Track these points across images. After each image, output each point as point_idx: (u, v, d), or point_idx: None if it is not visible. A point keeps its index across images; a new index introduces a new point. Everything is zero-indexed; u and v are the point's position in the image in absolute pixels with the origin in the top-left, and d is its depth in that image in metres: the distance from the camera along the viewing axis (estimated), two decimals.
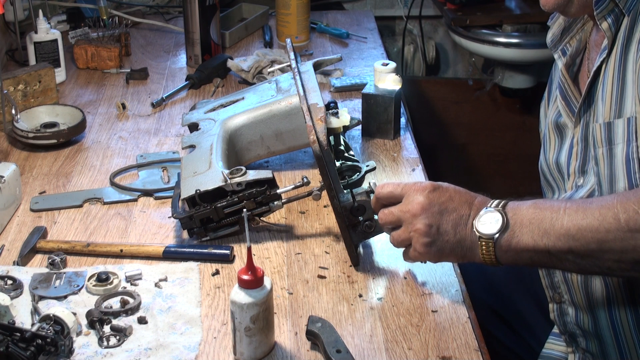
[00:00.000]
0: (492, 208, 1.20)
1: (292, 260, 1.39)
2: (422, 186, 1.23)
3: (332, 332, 1.18)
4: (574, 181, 1.35)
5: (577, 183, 1.34)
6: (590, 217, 1.12)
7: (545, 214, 1.16)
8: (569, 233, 1.13)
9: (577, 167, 1.34)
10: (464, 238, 1.21)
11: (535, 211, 1.17)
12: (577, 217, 1.13)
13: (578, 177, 1.34)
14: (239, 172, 1.40)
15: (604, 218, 1.11)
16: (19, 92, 1.85)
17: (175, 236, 1.46)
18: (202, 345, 1.20)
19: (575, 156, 1.34)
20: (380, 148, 1.74)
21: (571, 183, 1.36)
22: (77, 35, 2.22)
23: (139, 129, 1.84)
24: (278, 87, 1.64)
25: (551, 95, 1.48)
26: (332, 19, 2.53)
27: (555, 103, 1.42)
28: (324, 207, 1.52)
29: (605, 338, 1.32)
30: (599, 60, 1.27)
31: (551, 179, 1.45)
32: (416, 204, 1.22)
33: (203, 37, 2.13)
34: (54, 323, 1.16)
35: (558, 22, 1.43)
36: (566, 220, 1.14)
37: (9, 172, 1.50)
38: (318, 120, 1.36)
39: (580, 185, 1.33)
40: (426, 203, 1.21)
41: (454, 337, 1.21)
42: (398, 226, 1.25)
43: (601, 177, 1.26)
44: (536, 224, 1.16)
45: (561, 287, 1.37)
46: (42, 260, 1.39)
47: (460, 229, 1.21)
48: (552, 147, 1.43)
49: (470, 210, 1.21)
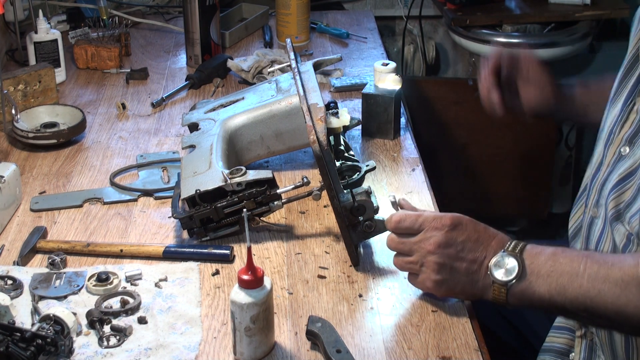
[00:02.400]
0: (510, 252, 1.18)
1: (292, 260, 1.39)
2: (442, 223, 1.21)
3: (332, 332, 1.18)
4: (619, 147, 1.29)
5: (622, 151, 1.28)
6: (612, 282, 1.12)
7: (565, 268, 1.15)
8: (587, 295, 1.13)
9: (627, 135, 1.28)
10: (476, 280, 1.21)
11: (554, 264, 1.16)
12: (597, 280, 1.12)
13: (624, 145, 1.29)
14: (239, 172, 1.40)
15: (626, 287, 1.11)
16: (19, 92, 1.85)
17: (175, 236, 1.46)
18: (202, 345, 1.20)
19: (630, 124, 1.28)
20: (380, 148, 1.74)
21: (615, 148, 1.30)
22: (77, 35, 2.22)
23: (139, 129, 1.84)
24: (278, 87, 1.64)
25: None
26: (332, 19, 2.53)
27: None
28: (324, 207, 1.52)
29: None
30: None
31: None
32: (433, 241, 1.21)
33: (203, 37, 2.13)
34: (54, 323, 1.16)
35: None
36: (586, 280, 1.13)
37: (9, 172, 1.50)
38: (318, 120, 1.36)
39: (624, 155, 1.28)
40: (443, 242, 1.20)
41: (454, 337, 1.21)
42: (407, 254, 1.25)
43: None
44: (554, 277, 1.15)
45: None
46: (42, 260, 1.39)
47: (474, 270, 1.20)
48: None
49: (486, 252, 1.20)
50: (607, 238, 1.27)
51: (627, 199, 1.23)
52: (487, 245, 1.21)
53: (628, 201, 1.23)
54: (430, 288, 1.24)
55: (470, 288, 1.22)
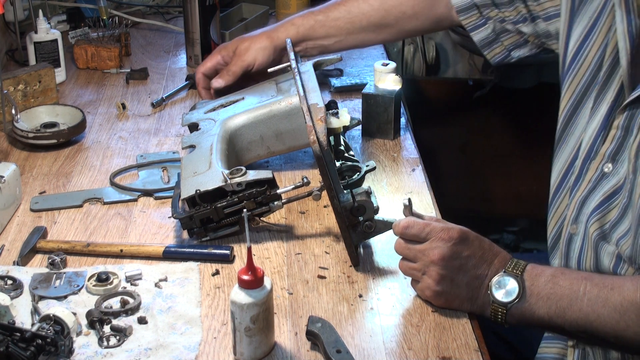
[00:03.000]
0: (510, 273, 1.19)
1: (292, 260, 1.39)
2: (449, 235, 1.21)
3: (332, 332, 1.18)
4: (601, 164, 1.28)
5: (604, 169, 1.28)
6: (611, 307, 1.12)
7: (564, 291, 1.16)
8: (587, 319, 1.14)
9: (609, 151, 1.28)
10: (476, 296, 1.22)
11: (554, 286, 1.17)
12: (597, 304, 1.13)
13: (606, 162, 1.28)
14: (239, 172, 1.40)
15: (625, 312, 1.11)
16: (19, 92, 1.85)
17: (175, 236, 1.46)
18: (202, 345, 1.20)
19: (611, 140, 1.28)
20: (380, 148, 1.74)
21: (597, 164, 1.29)
22: (77, 35, 2.22)
23: (139, 129, 1.84)
24: (278, 87, 1.64)
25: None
26: None
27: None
28: (324, 207, 1.52)
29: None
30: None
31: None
32: (437, 252, 1.21)
33: (203, 37, 2.13)
34: (54, 323, 1.16)
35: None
36: (585, 304, 1.14)
37: (9, 172, 1.50)
38: (318, 120, 1.36)
39: (607, 173, 1.27)
40: (448, 254, 1.21)
41: (454, 337, 1.21)
42: (412, 260, 1.25)
43: (635, 194, 1.20)
44: (554, 300, 1.16)
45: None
46: (42, 260, 1.39)
47: (474, 286, 1.21)
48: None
49: (488, 270, 1.21)
50: (589, 256, 1.27)
51: (613, 218, 1.23)
52: (490, 263, 1.22)
53: (614, 221, 1.23)
54: (429, 297, 1.25)
55: (468, 303, 1.23)
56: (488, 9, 1.63)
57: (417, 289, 1.27)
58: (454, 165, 2.87)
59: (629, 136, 1.25)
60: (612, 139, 1.27)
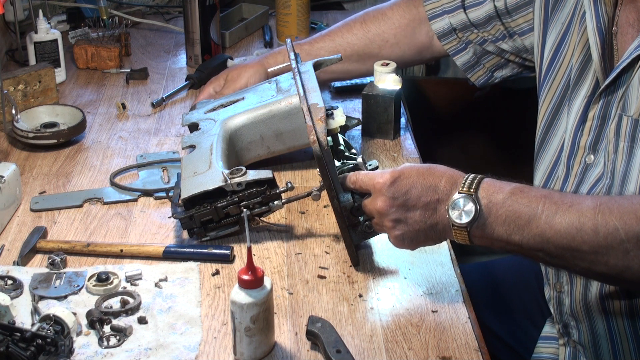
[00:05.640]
0: (465, 193, 1.17)
1: (292, 260, 1.39)
2: (382, 181, 1.23)
3: (332, 332, 1.18)
4: (583, 157, 1.31)
5: (587, 160, 1.30)
6: (568, 222, 1.10)
7: (523, 209, 1.13)
8: (543, 235, 1.11)
9: (588, 142, 1.30)
10: (435, 223, 1.20)
11: (512, 204, 1.14)
12: (554, 220, 1.11)
13: (588, 153, 1.30)
14: (239, 172, 1.40)
15: (582, 227, 1.09)
16: (19, 92, 1.85)
17: (175, 236, 1.46)
18: (202, 345, 1.20)
19: (588, 131, 1.30)
20: (380, 148, 1.74)
21: (580, 158, 1.32)
22: (77, 35, 2.22)
23: (139, 129, 1.84)
24: (278, 87, 1.64)
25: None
26: (332, 19, 2.52)
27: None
28: (324, 207, 1.52)
29: (598, 330, 1.32)
30: (635, 51, 1.21)
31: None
32: (380, 202, 1.23)
33: (203, 37, 2.13)
34: (54, 323, 1.16)
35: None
36: (543, 221, 1.11)
37: (9, 172, 1.50)
38: (318, 120, 1.36)
39: (590, 164, 1.29)
40: (388, 199, 1.22)
41: (454, 337, 1.21)
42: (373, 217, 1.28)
43: (616, 171, 1.23)
44: (512, 219, 1.14)
45: (564, 277, 1.36)
46: (42, 260, 1.39)
47: (429, 215, 1.20)
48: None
49: (437, 195, 1.19)
50: None
51: None
52: (436, 187, 1.20)
53: None
54: (397, 245, 1.26)
55: (433, 233, 1.22)
56: (467, 32, 1.67)
57: (391, 242, 1.28)
58: (454, 165, 2.86)
59: (607, 122, 1.26)
60: (589, 130, 1.30)
